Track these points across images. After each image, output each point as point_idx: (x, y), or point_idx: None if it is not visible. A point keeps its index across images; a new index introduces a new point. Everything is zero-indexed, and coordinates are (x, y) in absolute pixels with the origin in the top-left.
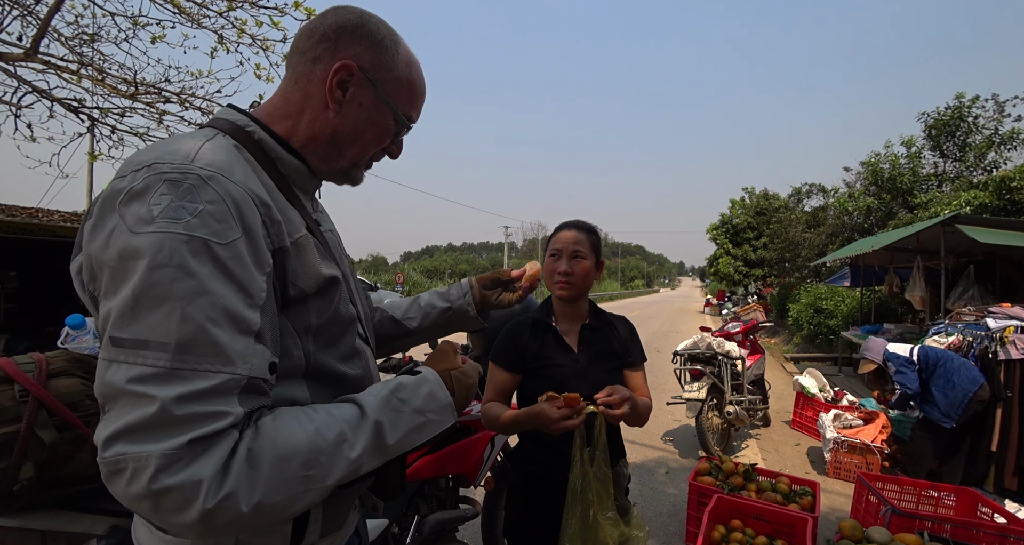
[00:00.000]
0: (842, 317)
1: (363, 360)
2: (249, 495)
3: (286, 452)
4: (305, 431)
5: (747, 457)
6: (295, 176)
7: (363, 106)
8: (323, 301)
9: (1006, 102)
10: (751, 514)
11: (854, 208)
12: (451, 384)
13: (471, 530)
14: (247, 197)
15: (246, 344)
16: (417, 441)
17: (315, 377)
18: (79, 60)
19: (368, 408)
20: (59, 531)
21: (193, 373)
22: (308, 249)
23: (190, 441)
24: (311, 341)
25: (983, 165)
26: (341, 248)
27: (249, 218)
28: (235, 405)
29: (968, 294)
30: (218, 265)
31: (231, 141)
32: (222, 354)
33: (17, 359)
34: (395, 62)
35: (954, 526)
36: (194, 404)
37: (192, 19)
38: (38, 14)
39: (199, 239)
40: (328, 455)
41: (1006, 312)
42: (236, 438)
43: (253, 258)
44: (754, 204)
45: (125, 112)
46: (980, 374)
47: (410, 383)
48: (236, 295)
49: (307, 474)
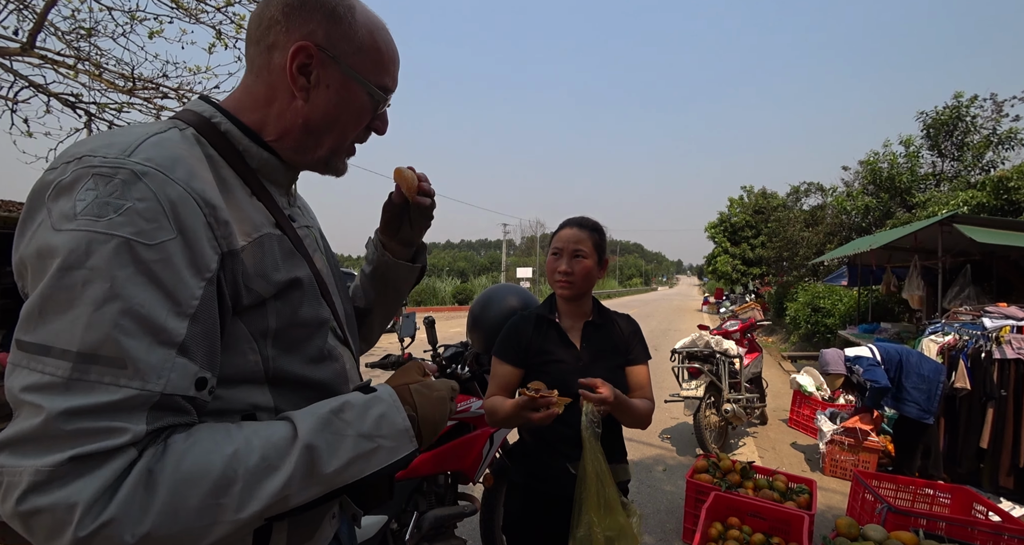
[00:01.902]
0: (839, 316)
1: (337, 363)
2: (135, 524)
3: (192, 476)
4: (221, 453)
5: (744, 455)
6: (265, 169)
7: (331, 87)
8: (283, 303)
9: (1004, 102)
10: (748, 511)
11: (852, 207)
12: (411, 399)
13: (470, 526)
14: (186, 196)
15: (163, 357)
16: (366, 470)
17: (278, 382)
18: (76, 55)
19: (301, 429)
20: None
21: (92, 386)
22: (268, 248)
23: (71, 458)
24: (270, 345)
25: (981, 165)
26: (320, 244)
27: (187, 219)
28: (139, 422)
29: (965, 293)
30: (140, 268)
31: (192, 133)
32: (131, 367)
33: None
34: (354, 30)
35: (949, 524)
36: (85, 419)
37: (190, 14)
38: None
39: (120, 239)
40: (246, 483)
41: (1002, 311)
42: (133, 458)
43: (188, 262)
44: (752, 203)
45: (122, 107)
46: (940, 364)
47: (358, 402)
48: (159, 302)
49: (217, 503)
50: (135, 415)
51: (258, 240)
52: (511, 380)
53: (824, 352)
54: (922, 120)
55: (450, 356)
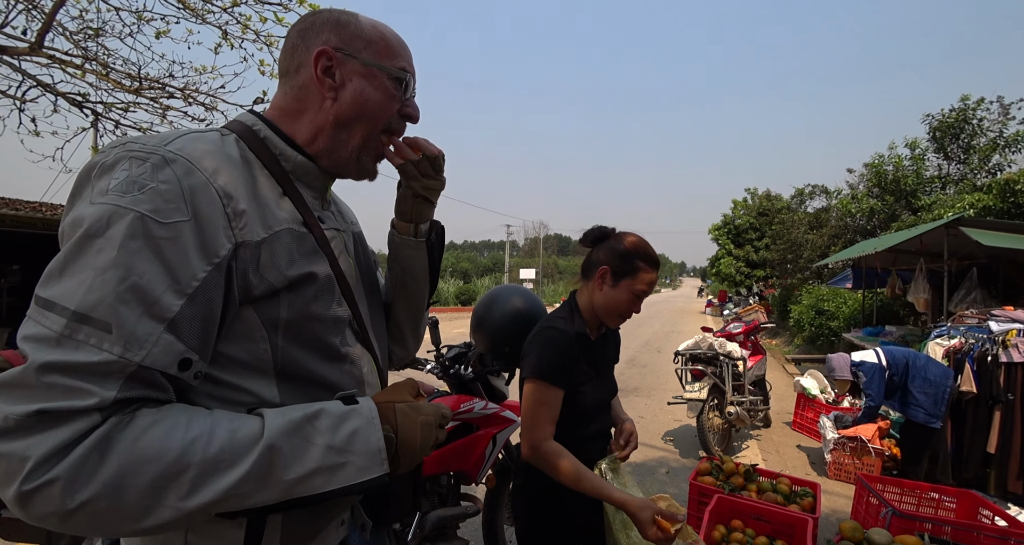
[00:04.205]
0: (844, 319)
1: (352, 366)
2: (79, 489)
3: (147, 454)
4: (182, 438)
5: (748, 458)
6: (299, 172)
7: (354, 80)
8: (295, 295)
9: (1011, 105)
10: (752, 514)
11: (857, 210)
12: (393, 420)
13: (472, 527)
14: (208, 185)
15: (150, 329)
16: (329, 485)
17: (287, 377)
18: (84, 55)
19: (269, 429)
20: None
21: (78, 345)
22: (286, 242)
23: (37, 411)
24: (280, 336)
25: (987, 168)
26: (349, 248)
27: (203, 206)
28: (110, 389)
29: (971, 297)
30: (149, 242)
31: (234, 138)
32: (116, 332)
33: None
34: (361, 29)
35: (955, 528)
36: (60, 376)
37: (196, 14)
38: (43, 8)
39: (138, 214)
40: (198, 473)
41: (1009, 315)
42: (96, 423)
43: (197, 245)
44: (756, 205)
45: (129, 107)
46: (948, 367)
47: (335, 412)
48: (159, 276)
49: (165, 486)
50: (108, 381)
51: (277, 234)
52: (559, 407)
53: (830, 357)
54: (928, 123)
55: (453, 357)
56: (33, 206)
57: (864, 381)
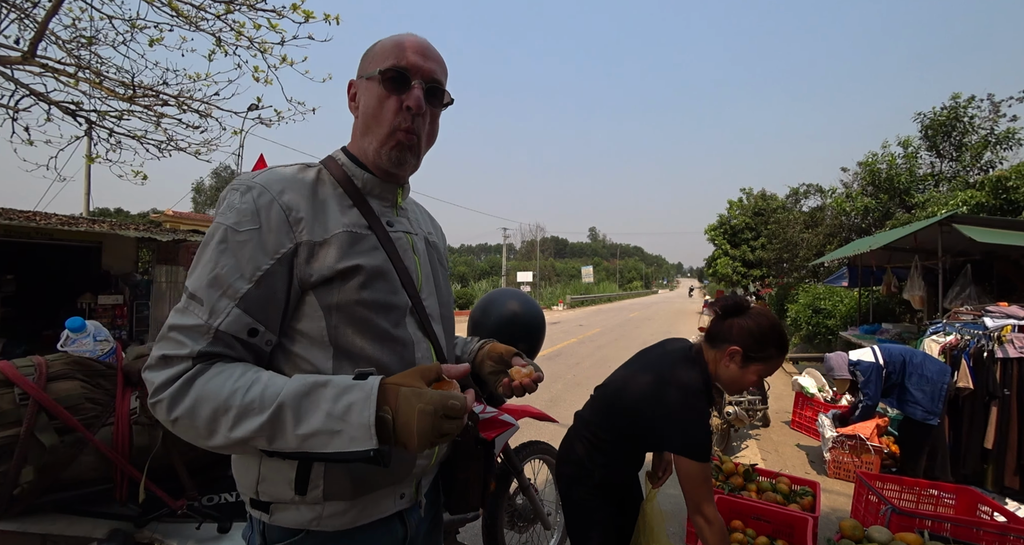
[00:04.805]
0: (840, 317)
1: (405, 349)
2: (173, 409)
3: (207, 393)
4: (231, 387)
5: (747, 457)
6: (368, 186)
7: (362, 94)
8: (345, 284)
9: (1001, 102)
10: (752, 514)
11: (852, 208)
12: (394, 402)
13: (472, 532)
14: (274, 202)
15: (225, 305)
16: (327, 447)
17: (340, 351)
18: (77, 63)
19: (287, 390)
20: (59, 535)
21: (188, 313)
22: (343, 241)
23: (162, 355)
24: (334, 316)
25: (979, 165)
26: (416, 247)
27: (270, 218)
28: (198, 343)
29: (966, 293)
30: (229, 245)
31: (319, 168)
32: (206, 305)
33: (17, 362)
34: (372, 53)
35: (954, 525)
36: (176, 332)
37: (190, 22)
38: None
39: (225, 226)
40: (236, 414)
41: (1003, 311)
42: (188, 367)
43: (260, 245)
44: (752, 205)
45: (123, 115)
46: (945, 364)
47: (341, 385)
48: (233, 268)
49: (215, 418)
50: (199, 339)
51: (336, 235)
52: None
53: (829, 356)
54: (920, 121)
55: None
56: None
57: (862, 381)
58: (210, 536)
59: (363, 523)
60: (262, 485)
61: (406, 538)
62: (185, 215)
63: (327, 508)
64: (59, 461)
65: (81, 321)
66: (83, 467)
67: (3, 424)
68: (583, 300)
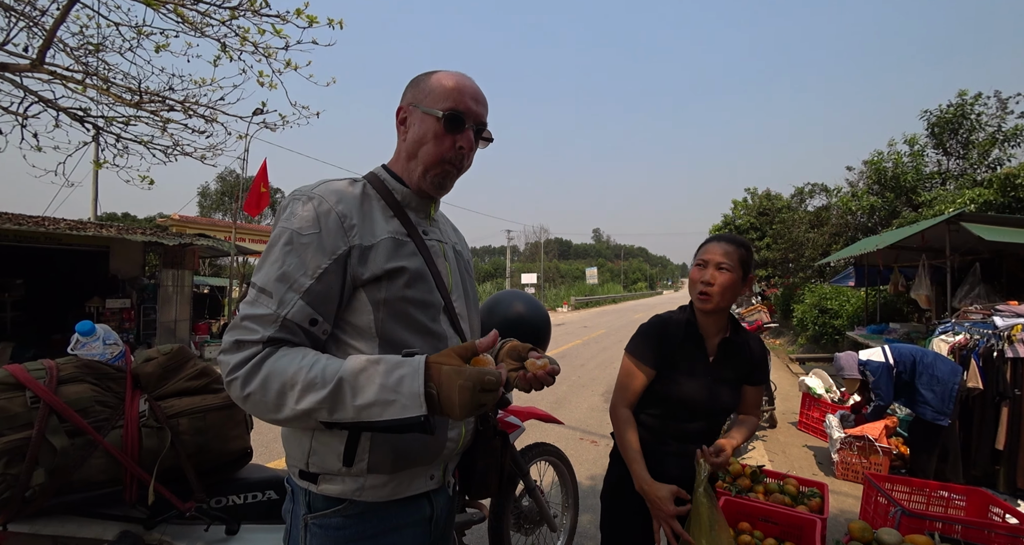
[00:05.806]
0: (847, 317)
1: (439, 342)
2: (245, 386)
3: (276, 372)
4: (296, 366)
5: (754, 459)
6: (406, 199)
7: (413, 122)
8: (390, 282)
9: (1009, 99)
10: (759, 516)
11: (857, 207)
12: (437, 378)
13: (477, 534)
14: (331, 210)
15: (291, 297)
16: (383, 415)
17: (385, 341)
18: (84, 70)
19: (344, 368)
20: (70, 537)
21: (258, 304)
22: (387, 246)
23: (235, 340)
24: (381, 310)
25: (987, 162)
26: (446, 254)
27: (328, 223)
28: (268, 330)
29: (974, 292)
30: (293, 247)
31: (363, 182)
32: (275, 298)
33: (28, 365)
34: (428, 84)
35: (965, 527)
36: (248, 321)
37: (195, 28)
38: (44, 25)
39: (290, 230)
40: (301, 389)
41: (1013, 310)
42: (258, 350)
43: (319, 247)
44: (757, 204)
45: (130, 120)
46: (956, 364)
47: (392, 361)
48: (297, 266)
49: (282, 393)
50: (268, 326)
51: (382, 241)
52: (643, 384)
53: (838, 356)
54: (926, 119)
55: None
56: (36, 221)
57: (872, 380)
58: (218, 538)
59: (397, 498)
60: (313, 457)
61: (432, 518)
62: (191, 219)
63: (368, 480)
64: (70, 463)
65: (91, 325)
66: (93, 469)
67: (15, 427)
68: (587, 301)
